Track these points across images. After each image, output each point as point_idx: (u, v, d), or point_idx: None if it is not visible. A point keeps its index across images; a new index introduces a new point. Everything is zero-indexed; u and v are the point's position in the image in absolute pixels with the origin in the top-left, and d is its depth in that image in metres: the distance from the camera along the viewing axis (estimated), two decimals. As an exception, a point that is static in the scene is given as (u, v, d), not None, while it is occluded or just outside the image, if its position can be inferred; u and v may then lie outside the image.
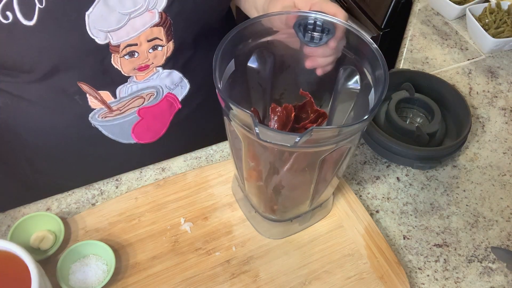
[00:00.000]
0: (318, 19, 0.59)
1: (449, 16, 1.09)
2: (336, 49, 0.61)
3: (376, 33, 1.34)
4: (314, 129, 0.47)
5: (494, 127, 0.88)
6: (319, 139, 0.50)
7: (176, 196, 0.74)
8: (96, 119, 0.77)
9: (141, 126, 0.81)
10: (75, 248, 0.65)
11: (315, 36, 0.60)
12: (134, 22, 0.66)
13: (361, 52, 0.59)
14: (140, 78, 0.74)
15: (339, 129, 0.50)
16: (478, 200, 0.77)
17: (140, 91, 0.76)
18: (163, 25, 0.68)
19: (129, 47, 0.68)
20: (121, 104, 0.76)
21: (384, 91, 0.53)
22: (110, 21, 0.64)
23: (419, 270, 0.69)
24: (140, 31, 0.67)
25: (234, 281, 0.66)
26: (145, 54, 0.70)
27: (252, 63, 0.61)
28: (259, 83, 0.64)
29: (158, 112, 0.81)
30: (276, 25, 0.61)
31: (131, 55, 0.69)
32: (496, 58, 1.01)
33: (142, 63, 0.71)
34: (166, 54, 0.72)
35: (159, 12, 0.66)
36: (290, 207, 0.66)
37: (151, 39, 0.68)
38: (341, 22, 0.59)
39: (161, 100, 0.79)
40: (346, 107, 0.64)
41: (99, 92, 0.72)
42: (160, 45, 0.70)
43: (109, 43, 0.65)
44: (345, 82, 0.62)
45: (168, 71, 0.76)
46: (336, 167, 0.60)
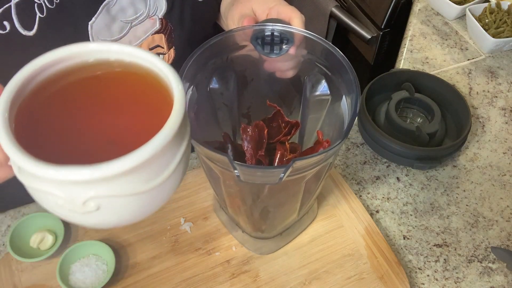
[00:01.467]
0: (275, 30, 0.57)
1: (449, 16, 1.09)
2: (296, 55, 0.60)
3: (376, 33, 1.34)
4: (295, 161, 0.46)
5: (494, 127, 0.88)
6: (301, 168, 0.49)
7: (176, 196, 0.74)
8: None
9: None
10: (75, 248, 0.65)
11: (275, 47, 0.58)
12: (135, 30, 0.66)
13: (327, 59, 0.57)
14: None
15: (319, 157, 0.49)
16: (478, 200, 0.77)
17: None
18: (164, 31, 0.68)
19: None
20: None
21: (358, 100, 0.51)
22: (113, 30, 0.64)
23: (419, 270, 0.69)
24: (142, 39, 0.67)
25: (234, 281, 0.66)
26: None
27: (214, 85, 0.61)
28: (224, 103, 0.63)
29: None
30: (234, 42, 0.60)
31: None
32: (496, 58, 1.01)
33: None
34: (168, 62, 0.72)
35: (159, 19, 0.67)
36: (278, 223, 0.66)
37: (152, 47, 0.69)
38: (299, 30, 0.58)
39: None
40: (319, 115, 0.63)
41: None
42: (162, 53, 0.70)
43: None
44: (312, 89, 0.62)
45: None
46: (320, 179, 0.60)
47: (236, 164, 0.46)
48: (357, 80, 0.53)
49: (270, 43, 0.58)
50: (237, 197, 0.61)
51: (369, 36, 1.33)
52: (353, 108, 0.52)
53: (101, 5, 0.61)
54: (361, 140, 0.84)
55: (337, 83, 0.58)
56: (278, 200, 0.61)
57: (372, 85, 0.84)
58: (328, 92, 0.60)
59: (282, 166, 0.46)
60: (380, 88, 0.86)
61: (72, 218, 0.36)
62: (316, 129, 0.63)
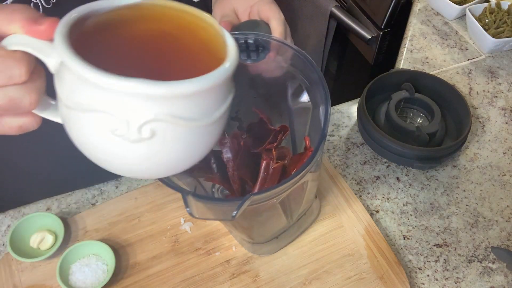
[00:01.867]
0: (248, 38, 0.55)
1: (449, 16, 1.09)
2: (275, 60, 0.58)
3: (376, 33, 1.34)
4: (252, 196, 0.42)
5: (494, 127, 0.88)
6: (262, 198, 0.46)
7: (176, 196, 0.74)
8: None
9: None
10: (75, 248, 0.65)
11: (251, 54, 0.56)
12: None
13: (299, 65, 0.55)
14: None
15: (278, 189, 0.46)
16: (478, 200, 0.77)
17: None
18: None
19: None
20: None
21: (328, 111, 0.48)
22: None
23: (419, 270, 0.69)
24: None
25: (234, 281, 0.66)
26: None
27: None
28: None
29: None
30: None
31: None
32: (496, 58, 1.01)
33: None
34: None
35: None
36: (268, 233, 0.64)
37: None
38: (272, 38, 0.56)
39: None
40: (304, 120, 0.60)
41: None
42: None
43: None
44: (294, 96, 0.59)
45: None
46: (304, 193, 0.57)
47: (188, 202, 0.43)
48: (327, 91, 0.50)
49: (246, 51, 0.56)
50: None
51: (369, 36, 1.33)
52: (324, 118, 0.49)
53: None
54: (361, 140, 0.84)
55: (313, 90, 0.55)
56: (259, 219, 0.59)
57: (372, 85, 0.84)
58: (308, 100, 0.58)
59: (235, 200, 0.43)
60: (380, 88, 0.86)
61: (119, 148, 0.35)
62: (305, 133, 0.61)
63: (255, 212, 0.55)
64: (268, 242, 0.68)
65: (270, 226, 0.63)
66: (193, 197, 0.43)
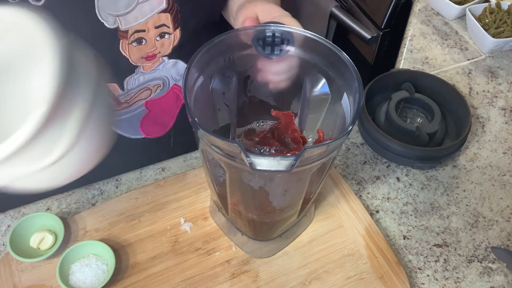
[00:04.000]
0: (276, 30, 0.58)
1: (449, 16, 1.09)
2: (290, 67, 0.61)
3: (376, 33, 1.34)
4: (306, 149, 0.47)
5: (494, 127, 0.88)
6: (310, 157, 0.50)
7: (176, 196, 0.74)
8: None
9: (149, 119, 0.82)
10: (75, 248, 0.65)
11: (275, 48, 0.59)
12: (142, 7, 0.66)
13: (328, 58, 0.58)
14: (147, 69, 0.75)
15: (327, 145, 0.50)
16: (478, 200, 0.77)
17: (147, 82, 0.77)
18: (170, 11, 0.69)
19: (137, 33, 0.69)
20: (128, 96, 0.76)
21: (361, 93, 0.53)
22: (119, 5, 0.64)
23: (419, 270, 0.69)
24: (148, 17, 0.68)
25: (234, 281, 0.66)
26: (153, 42, 0.71)
27: (216, 86, 0.61)
28: (225, 103, 0.64)
29: (165, 104, 0.81)
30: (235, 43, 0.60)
31: (139, 42, 0.70)
32: (496, 58, 1.01)
33: (150, 51, 0.72)
34: (173, 43, 0.73)
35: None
36: (280, 224, 0.66)
37: (158, 25, 0.69)
38: (300, 30, 0.58)
39: (167, 92, 0.80)
40: (318, 113, 0.64)
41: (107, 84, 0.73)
42: (167, 33, 0.71)
43: (117, 27, 0.66)
44: (312, 89, 0.62)
45: (174, 60, 0.76)
46: (323, 176, 0.60)
47: (248, 153, 0.47)
48: (359, 76, 0.54)
49: (271, 44, 0.59)
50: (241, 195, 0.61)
51: (369, 36, 1.33)
52: (356, 102, 0.54)
53: None
54: (361, 140, 0.84)
55: (338, 81, 0.58)
56: (284, 199, 0.61)
57: (372, 85, 0.84)
58: (327, 91, 0.61)
59: (293, 155, 0.47)
60: (380, 88, 0.86)
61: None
62: (315, 129, 0.63)
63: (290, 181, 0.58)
64: (271, 240, 0.68)
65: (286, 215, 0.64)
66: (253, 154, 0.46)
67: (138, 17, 0.67)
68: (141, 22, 0.68)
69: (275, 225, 0.65)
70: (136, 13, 0.66)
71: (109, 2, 0.63)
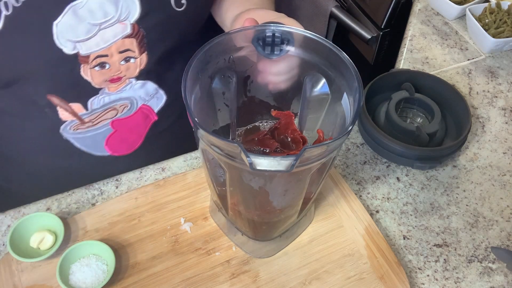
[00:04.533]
0: (276, 30, 0.58)
1: (449, 16, 1.09)
2: (290, 67, 0.61)
3: (376, 33, 1.34)
4: (306, 149, 0.47)
5: (494, 127, 0.88)
6: (310, 157, 0.50)
7: (176, 196, 0.74)
8: (67, 131, 0.75)
9: (115, 138, 0.80)
10: (75, 248, 0.65)
11: (275, 48, 0.59)
12: (104, 33, 0.64)
13: (328, 58, 0.58)
14: (113, 90, 0.72)
15: (327, 145, 0.50)
16: (478, 200, 0.77)
17: (113, 103, 0.74)
18: (135, 36, 0.66)
19: (99, 58, 0.66)
20: (93, 116, 0.74)
21: (361, 93, 0.53)
22: (79, 31, 0.62)
23: (419, 270, 0.69)
24: (111, 42, 0.65)
25: (234, 281, 0.66)
26: (117, 66, 0.68)
27: (216, 86, 0.61)
28: (225, 103, 0.64)
29: (132, 124, 0.79)
30: (235, 43, 0.60)
31: (102, 66, 0.67)
32: (496, 58, 1.01)
33: (114, 75, 0.69)
34: (140, 66, 0.70)
35: (131, 24, 0.65)
36: (280, 224, 0.66)
37: (122, 50, 0.67)
38: (299, 30, 0.58)
39: (135, 112, 0.78)
40: (318, 114, 0.64)
41: (70, 104, 0.71)
42: (133, 57, 0.68)
43: (77, 53, 0.64)
44: (312, 89, 0.62)
45: (142, 82, 0.74)
46: (323, 176, 0.60)
47: (248, 153, 0.47)
48: (359, 76, 0.54)
49: (270, 44, 0.59)
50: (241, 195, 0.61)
51: (369, 36, 1.33)
52: (356, 102, 0.54)
53: (67, 5, 0.60)
54: (361, 140, 0.84)
55: (338, 81, 0.58)
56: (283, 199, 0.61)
57: (372, 85, 0.84)
58: (328, 91, 0.61)
59: (293, 155, 0.47)
60: (380, 88, 0.86)
61: None
62: (315, 129, 0.63)
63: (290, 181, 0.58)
64: (271, 240, 0.68)
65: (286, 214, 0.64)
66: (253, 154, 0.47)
67: (100, 43, 0.64)
68: (103, 48, 0.65)
69: (275, 225, 0.66)
70: (97, 39, 0.64)
71: (68, 29, 0.61)
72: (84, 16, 0.62)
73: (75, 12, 0.61)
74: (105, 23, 0.63)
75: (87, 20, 0.62)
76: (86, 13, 0.61)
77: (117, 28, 0.64)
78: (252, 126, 0.69)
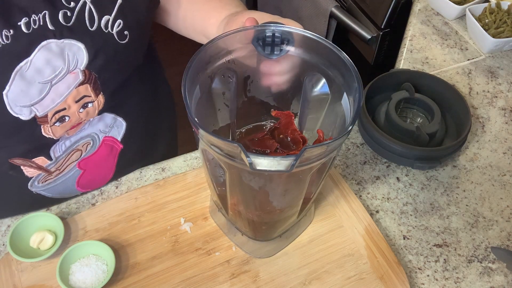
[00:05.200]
0: (276, 30, 0.58)
1: (449, 16, 1.09)
2: (292, 66, 0.61)
3: (376, 33, 1.34)
4: (306, 149, 0.47)
5: (494, 127, 0.88)
6: (310, 157, 0.50)
7: (176, 196, 0.74)
8: (36, 186, 0.74)
9: (85, 177, 0.78)
10: (75, 248, 0.65)
11: (275, 48, 0.59)
12: (57, 88, 0.62)
13: (327, 58, 0.58)
14: (71, 133, 0.70)
15: (327, 145, 0.50)
16: (478, 200, 0.77)
17: (75, 144, 0.72)
18: (88, 82, 0.64)
19: (57, 114, 0.64)
20: (58, 163, 0.73)
21: (361, 93, 0.53)
22: (32, 94, 0.60)
23: (419, 270, 0.69)
24: (66, 95, 0.63)
25: (234, 281, 0.66)
26: (76, 115, 0.67)
27: (216, 86, 0.61)
28: (225, 103, 0.63)
29: (99, 159, 0.77)
30: (235, 43, 0.60)
31: (62, 120, 0.66)
32: (496, 58, 1.01)
33: (75, 123, 0.68)
34: (98, 108, 0.69)
35: (82, 71, 0.63)
36: (280, 224, 0.66)
37: (79, 99, 0.65)
38: (299, 30, 0.58)
39: (99, 147, 0.76)
40: (318, 114, 0.64)
41: (33, 160, 0.70)
42: (90, 102, 0.67)
43: (35, 116, 0.62)
44: (312, 89, 0.62)
45: (98, 116, 0.72)
46: (323, 176, 0.60)
47: (249, 153, 0.47)
48: (359, 76, 0.54)
49: (270, 44, 0.59)
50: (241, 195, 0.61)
51: (369, 36, 1.33)
52: (356, 102, 0.54)
53: (12, 72, 0.57)
54: (361, 140, 0.84)
55: (338, 81, 0.58)
56: (283, 198, 0.61)
57: (372, 85, 0.84)
58: (327, 91, 0.61)
59: (293, 155, 0.47)
60: (380, 88, 0.86)
61: None
62: (315, 129, 0.63)
63: (290, 182, 0.58)
64: (271, 240, 0.68)
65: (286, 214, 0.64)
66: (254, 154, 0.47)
67: (55, 99, 0.62)
68: (59, 102, 0.63)
69: (275, 225, 0.66)
70: (52, 96, 0.62)
71: (19, 95, 0.59)
72: (32, 77, 0.59)
73: (22, 76, 0.58)
74: (55, 77, 0.61)
75: (37, 81, 0.59)
76: (34, 73, 0.59)
77: (69, 78, 0.62)
78: (252, 126, 0.69)
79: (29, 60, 0.58)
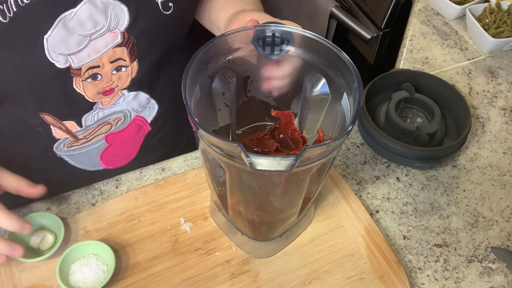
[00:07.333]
0: (276, 30, 0.58)
1: (449, 16, 1.09)
2: (293, 70, 0.61)
3: (376, 33, 1.34)
4: (306, 149, 0.47)
5: (494, 127, 0.88)
6: (310, 157, 0.50)
7: (176, 196, 0.74)
8: (61, 149, 0.75)
9: (110, 152, 0.79)
10: (75, 248, 0.65)
11: (275, 48, 0.59)
12: (95, 44, 0.63)
13: (328, 58, 0.58)
14: (106, 104, 0.72)
15: (327, 145, 0.50)
16: (478, 200, 0.77)
17: (107, 117, 0.74)
18: (126, 45, 0.66)
19: (91, 70, 0.66)
20: (87, 132, 0.74)
21: (361, 93, 0.53)
22: (70, 44, 0.61)
23: (419, 270, 0.69)
24: (102, 52, 0.65)
25: (234, 281, 0.66)
26: (109, 76, 0.68)
27: (216, 86, 0.61)
28: (225, 103, 0.64)
29: (127, 136, 0.79)
30: (235, 43, 0.60)
31: (94, 77, 0.67)
32: (496, 58, 1.01)
33: (107, 86, 0.69)
34: (131, 75, 0.70)
35: (121, 32, 0.64)
36: (280, 224, 0.66)
37: (114, 60, 0.66)
38: (299, 30, 0.58)
39: (129, 124, 0.78)
40: (318, 114, 0.64)
41: (63, 122, 0.71)
42: (124, 66, 0.68)
43: (69, 66, 0.63)
44: (312, 89, 0.62)
45: (134, 93, 0.74)
46: (323, 176, 0.60)
47: (249, 153, 0.47)
48: (359, 76, 0.54)
49: (270, 44, 0.59)
50: (241, 195, 0.61)
51: (369, 36, 1.33)
52: (356, 102, 0.54)
53: (57, 18, 0.59)
54: (361, 140, 0.84)
55: (338, 81, 0.58)
56: (283, 198, 0.61)
57: (372, 85, 0.84)
58: (327, 91, 0.61)
59: (293, 155, 0.47)
60: (380, 88, 0.86)
61: None
62: (315, 129, 0.63)
63: (290, 181, 0.58)
64: (271, 240, 0.68)
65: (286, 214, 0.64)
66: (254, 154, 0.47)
67: (91, 54, 0.64)
68: (95, 59, 0.64)
69: (275, 225, 0.66)
70: (89, 50, 0.63)
71: (59, 42, 0.60)
72: (74, 28, 0.60)
73: (65, 25, 0.60)
74: (95, 33, 0.62)
75: (77, 32, 0.61)
76: (76, 24, 0.60)
77: (108, 37, 0.64)
78: (252, 126, 0.69)
79: (73, 11, 0.60)
